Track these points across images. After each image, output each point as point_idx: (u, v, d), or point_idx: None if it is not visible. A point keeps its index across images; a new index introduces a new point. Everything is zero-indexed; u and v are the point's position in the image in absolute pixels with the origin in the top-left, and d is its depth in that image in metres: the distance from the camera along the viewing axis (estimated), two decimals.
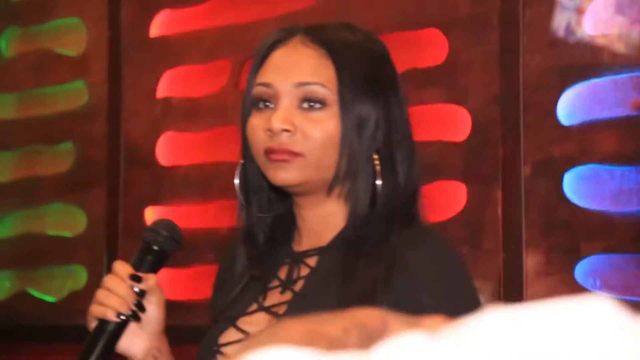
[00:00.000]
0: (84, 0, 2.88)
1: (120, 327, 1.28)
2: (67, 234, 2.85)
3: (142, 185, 2.76)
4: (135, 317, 1.28)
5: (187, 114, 2.75)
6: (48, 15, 2.95)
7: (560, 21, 2.21)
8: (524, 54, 2.23)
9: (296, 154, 1.25)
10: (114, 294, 1.27)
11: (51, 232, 2.88)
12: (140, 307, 1.28)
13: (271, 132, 1.25)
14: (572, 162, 2.19)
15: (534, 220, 2.21)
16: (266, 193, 1.33)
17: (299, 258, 1.32)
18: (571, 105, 2.20)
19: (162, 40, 2.79)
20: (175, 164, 2.76)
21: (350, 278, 1.24)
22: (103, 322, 1.28)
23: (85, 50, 2.87)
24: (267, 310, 1.30)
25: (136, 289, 1.28)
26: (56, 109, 2.91)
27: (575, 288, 2.17)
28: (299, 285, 1.30)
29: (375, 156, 1.28)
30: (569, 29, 2.20)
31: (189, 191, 2.72)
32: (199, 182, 2.71)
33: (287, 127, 1.25)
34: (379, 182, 1.27)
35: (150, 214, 2.75)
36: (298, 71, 1.27)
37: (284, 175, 1.26)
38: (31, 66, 2.98)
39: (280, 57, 1.29)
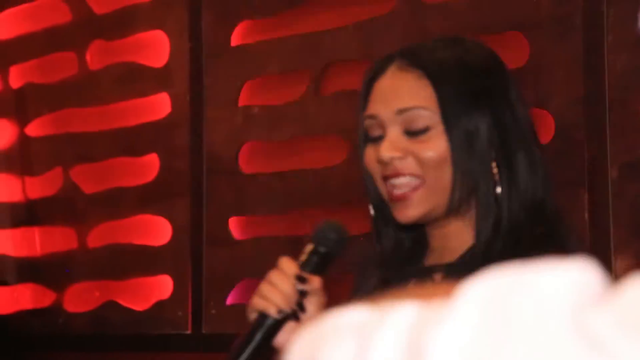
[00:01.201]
0: (166, 12, 2.94)
1: (279, 323, 1.30)
2: (153, 244, 2.90)
3: (225, 195, 2.80)
4: (295, 316, 1.29)
5: (268, 122, 2.78)
6: (130, 28, 3.01)
7: None
8: (609, 54, 2.20)
9: (415, 178, 1.27)
10: (277, 289, 1.28)
11: (137, 242, 2.94)
12: (301, 307, 1.29)
13: (383, 163, 1.29)
14: None
15: (622, 224, 2.18)
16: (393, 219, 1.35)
17: (426, 273, 1.34)
18: None
19: (242, 50, 2.83)
20: (257, 172, 2.79)
21: None
22: (263, 316, 1.29)
23: (168, 62, 2.93)
24: None
25: (299, 289, 1.29)
26: (140, 121, 2.97)
27: None
28: None
29: (494, 166, 1.28)
30: None
31: (272, 199, 2.75)
32: (281, 191, 2.73)
33: (396, 154, 1.28)
34: (498, 189, 1.28)
35: (234, 223, 2.78)
36: (397, 98, 1.30)
37: (407, 213, 1.29)
38: (115, 79, 3.05)
39: (380, 87, 1.32)
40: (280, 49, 2.75)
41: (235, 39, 2.85)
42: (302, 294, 1.29)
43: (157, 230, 2.90)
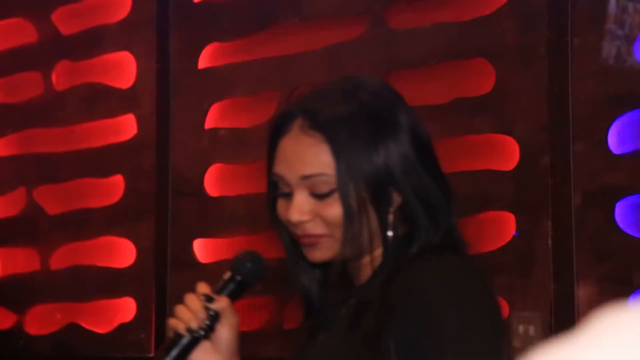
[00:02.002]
0: (133, 34, 2.95)
1: (192, 342, 1.38)
2: (116, 266, 2.89)
3: (191, 217, 2.80)
4: (204, 335, 1.38)
5: (235, 145, 2.79)
6: (97, 49, 3.01)
7: (609, 49, 2.21)
8: (573, 83, 2.23)
9: (321, 236, 1.37)
10: (188, 309, 1.38)
11: (100, 264, 2.93)
12: (210, 327, 1.38)
13: (292, 223, 1.38)
14: (623, 192, 2.18)
15: (585, 250, 2.20)
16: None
17: (343, 299, 1.43)
18: (622, 134, 2.20)
19: (210, 72, 2.84)
20: (223, 195, 2.80)
21: (367, 315, 1.35)
22: (177, 335, 1.38)
23: (134, 83, 2.93)
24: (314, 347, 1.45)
25: (210, 311, 1.38)
26: (105, 142, 2.97)
27: None
28: (338, 322, 1.42)
29: (391, 211, 1.37)
30: (618, 57, 2.20)
31: (237, 222, 2.75)
32: (247, 213, 2.74)
33: (304, 218, 1.37)
34: (390, 233, 1.37)
35: (199, 245, 2.78)
36: (302, 163, 1.37)
37: (316, 255, 1.39)
38: (81, 100, 3.05)
39: (285, 148, 1.39)
40: (248, 72, 2.77)
41: (203, 62, 2.86)
42: (215, 316, 1.39)
43: (121, 252, 2.89)
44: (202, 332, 1.37)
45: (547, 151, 2.25)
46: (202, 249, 2.78)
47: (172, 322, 1.39)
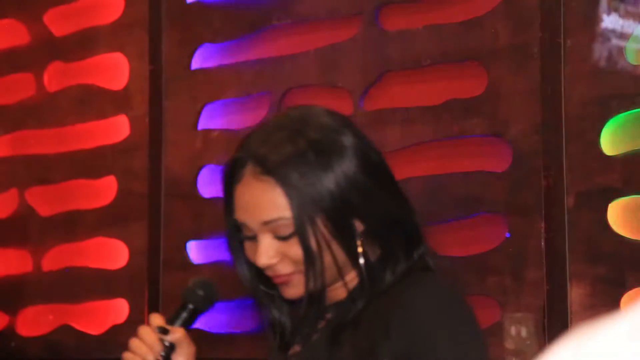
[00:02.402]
0: (126, 35, 2.94)
1: None
2: (109, 267, 2.89)
3: (183, 219, 2.80)
4: None
5: (227, 146, 2.78)
6: (90, 50, 3.01)
7: (602, 50, 2.21)
8: (566, 84, 2.23)
9: (292, 273, 1.42)
10: (143, 343, 1.42)
11: (93, 265, 2.93)
12: (166, 359, 1.43)
13: (261, 266, 1.43)
14: (616, 193, 2.19)
15: (578, 252, 2.21)
16: None
17: (320, 314, 1.47)
18: (614, 135, 2.20)
19: (202, 73, 2.84)
20: (215, 196, 2.79)
21: (353, 334, 1.39)
22: None
23: (127, 85, 2.93)
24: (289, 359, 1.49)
25: (166, 343, 1.43)
26: (98, 143, 2.97)
27: None
28: (315, 336, 1.46)
29: (359, 242, 1.41)
30: (611, 58, 2.20)
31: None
32: None
33: (272, 262, 1.41)
34: (362, 260, 1.41)
35: (192, 247, 2.78)
36: (260, 210, 1.41)
37: (290, 292, 1.44)
38: (73, 101, 3.04)
39: (241, 196, 1.44)
40: (241, 73, 2.77)
41: (196, 62, 2.85)
42: (171, 347, 1.43)
43: (113, 254, 2.89)
44: None
45: (540, 152, 2.25)
46: (195, 251, 2.78)
47: (128, 357, 1.43)
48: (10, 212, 3.14)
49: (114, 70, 2.96)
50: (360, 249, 1.41)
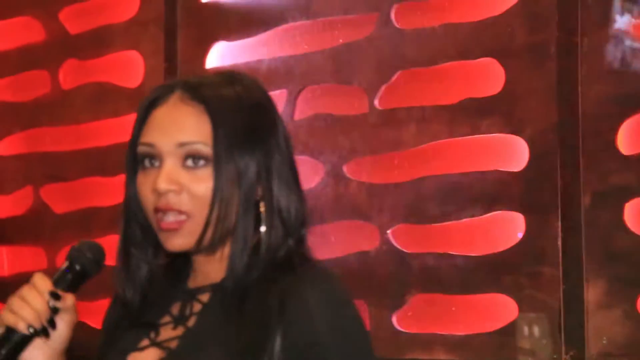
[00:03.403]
0: (141, 33, 2.94)
1: (27, 339, 1.29)
2: None
3: None
4: (45, 332, 1.30)
5: None
6: (105, 48, 3.01)
7: (617, 50, 2.21)
8: (583, 83, 2.23)
9: (183, 214, 1.30)
10: (29, 305, 1.29)
11: (107, 263, 2.92)
12: (52, 324, 1.31)
13: (157, 193, 1.30)
14: (632, 192, 2.18)
15: (594, 251, 2.20)
16: (159, 244, 1.36)
17: (191, 294, 1.36)
18: (631, 134, 2.19)
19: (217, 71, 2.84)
20: None
21: (242, 318, 1.29)
22: (9, 331, 1.28)
23: (142, 82, 2.93)
24: (159, 345, 1.35)
25: (52, 306, 1.31)
26: (112, 141, 2.97)
27: (637, 319, 2.15)
28: (192, 321, 1.35)
29: (261, 204, 1.32)
30: (626, 58, 2.20)
31: None
32: None
33: (172, 187, 1.30)
34: (263, 228, 1.32)
35: None
36: (179, 131, 1.31)
37: (174, 242, 1.32)
38: (88, 98, 3.04)
39: (161, 116, 1.32)
40: (255, 72, 2.73)
41: (210, 61, 2.85)
42: (54, 311, 1.30)
43: None
44: (45, 330, 1.30)
45: (557, 151, 2.25)
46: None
47: (9, 318, 1.29)
48: (25, 209, 3.14)
49: (129, 68, 2.96)
50: (263, 213, 1.32)
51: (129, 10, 2.97)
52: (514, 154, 2.32)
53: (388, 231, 2.51)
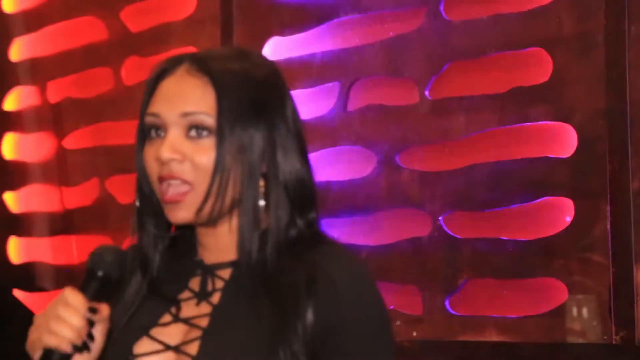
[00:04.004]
0: (199, 29, 2.95)
1: (68, 357, 1.20)
2: None
3: None
4: (86, 347, 1.21)
5: None
6: (165, 44, 3.03)
7: None
8: (630, 70, 2.19)
9: (186, 184, 1.25)
10: (67, 324, 1.19)
11: None
12: (91, 337, 1.22)
13: (161, 162, 1.26)
14: None
15: None
16: (164, 216, 1.30)
17: (211, 270, 1.30)
18: None
19: None
20: None
21: (269, 296, 1.24)
22: (49, 352, 1.19)
23: None
24: (186, 322, 1.27)
25: (90, 319, 1.21)
26: None
27: None
28: (215, 298, 1.28)
29: (261, 180, 1.27)
30: None
31: None
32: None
33: (175, 156, 1.25)
34: (262, 202, 1.26)
35: None
36: (183, 101, 1.26)
37: (177, 215, 1.26)
38: None
39: (167, 87, 1.28)
40: (309, 65, 2.75)
41: (266, 54, 2.84)
42: (91, 324, 1.21)
43: None
44: (85, 345, 1.20)
45: (605, 138, 2.22)
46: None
47: (50, 340, 1.19)
48: (92, 200, 3.18)
49: None
50: (262, 187, 1.26)
51: (187, 8, 2.99)
52: (562, 141, 2.31)
53: (440, 218, 2.51)
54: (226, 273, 1.29)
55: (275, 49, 2.82)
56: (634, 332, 2.17)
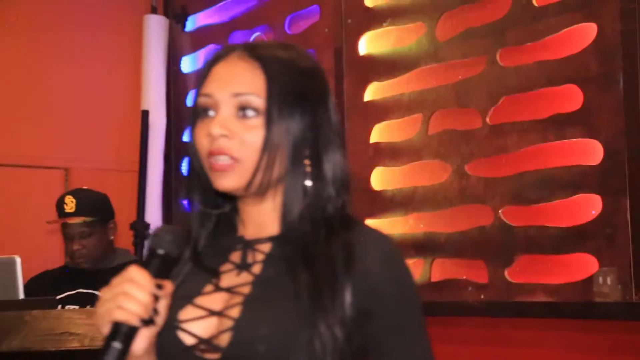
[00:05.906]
0: None
1: (135, 330, 1.02)
2: None
3: (361, 205, 2.83)
4: (152, 322, 1.03)
5: (391, 154, 2.84)
6: None
7: None
8: None
9: (233, 160, 1.07)
10: (136, 300, 1.00)
11: None
12: (156, 312, 1.04)
13: (211, 137, 1.08)
14: None
15: None
16: (213, 192, 1.12)
17: (252, 244, 1.12)
18: None
19: (372, 103, 2.89)
20: (384, 188, 2.86)
21: (309, 269, 1.05)
22: (118, 326, 1.00)
23: None
24: (229, 290, 1.08)
25: (156, 295, 1.03)
26: None
27: None
28: (257, 269, 1.09)
29: (307, 161, 1.09)
30: None
31: (395, 207, 2.79)
32: (401, 201, 2.78)
33: (224, 132, 1.07)
34: (309, 183, 1.09)
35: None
36: (234, 82, 1.09)
37: (223, 182, 1.08)
38: None
39: (219, 70, 1.11)
40: (399, 102, 2.79)
41: (367, 96, 2.92)
42: (156, 299, 1.03)
43: None
44: (152, 320, 1.03)
45: (625, 150, 2.22)
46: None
47: (121, 314, 0.99)
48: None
49: None
50: (308, 168, 1.09)
51: None
52: (591, 152, 2.30)
53: (500, 211, 2.50)
54: (266, 247, 1.11)
55: (373, 91, 2.88)
56: None
